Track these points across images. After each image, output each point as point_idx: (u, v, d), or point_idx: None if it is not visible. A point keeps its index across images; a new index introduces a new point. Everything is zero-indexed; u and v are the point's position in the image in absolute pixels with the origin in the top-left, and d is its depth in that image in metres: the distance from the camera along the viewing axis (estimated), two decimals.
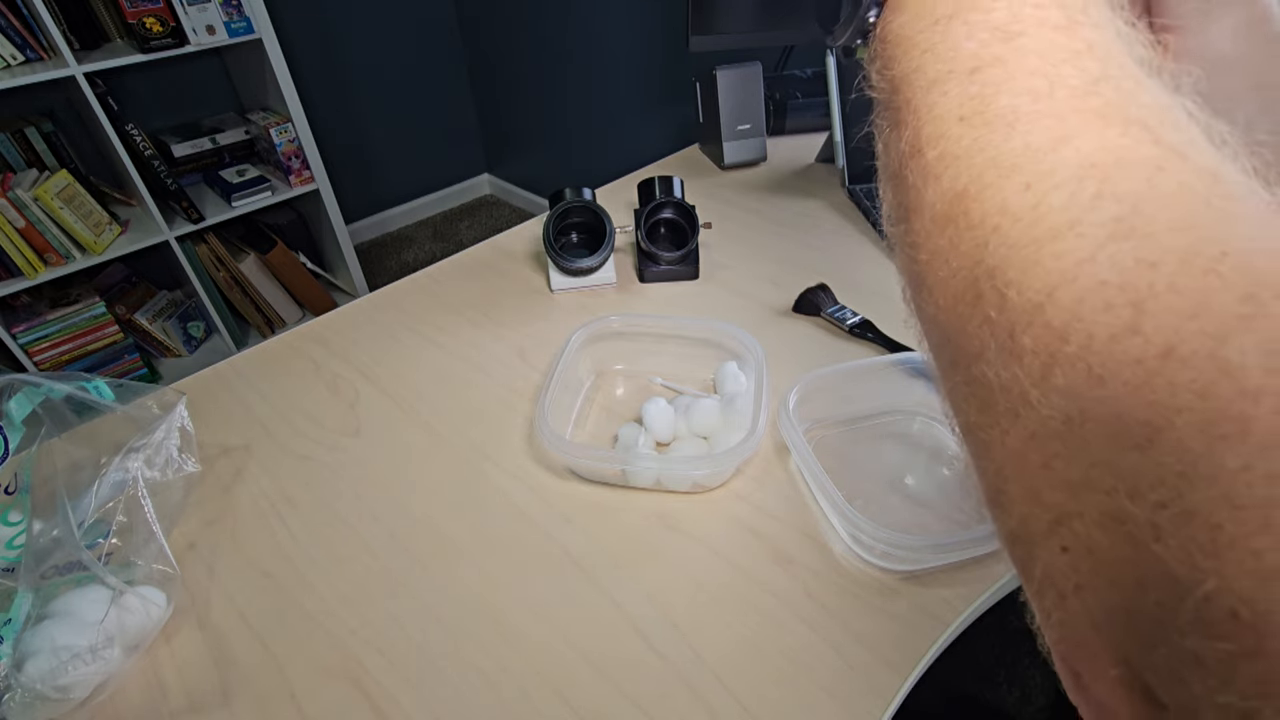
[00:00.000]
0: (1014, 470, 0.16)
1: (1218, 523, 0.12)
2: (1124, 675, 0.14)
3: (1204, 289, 0.13)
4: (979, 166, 0.17)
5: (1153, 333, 0.13)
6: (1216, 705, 0.12)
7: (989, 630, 1.17)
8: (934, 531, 0.48)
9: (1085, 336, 0.14)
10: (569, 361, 0.57)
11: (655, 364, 0.63)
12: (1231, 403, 0.12)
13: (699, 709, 0.38)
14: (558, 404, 0.54)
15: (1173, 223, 0.14)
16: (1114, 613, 0.14)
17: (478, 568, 0.47)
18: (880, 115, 0.22)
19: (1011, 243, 0.16)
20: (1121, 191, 0.15)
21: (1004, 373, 0.16)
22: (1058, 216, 0.15)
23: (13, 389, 0.45)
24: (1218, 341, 0.13)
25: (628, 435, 0.54)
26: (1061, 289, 0.15)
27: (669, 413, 0.55)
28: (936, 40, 0.19)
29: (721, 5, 0.89)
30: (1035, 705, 1.06)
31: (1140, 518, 0.13)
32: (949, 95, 0.18)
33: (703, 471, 0.50)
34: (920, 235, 0.19)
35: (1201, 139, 0.16)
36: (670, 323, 0.62)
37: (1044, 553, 0.16)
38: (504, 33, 2.22)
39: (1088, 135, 0.16)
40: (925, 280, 0.19)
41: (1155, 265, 0.14)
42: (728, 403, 0.55)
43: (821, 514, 0.49)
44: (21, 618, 0.39)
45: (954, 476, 0.52)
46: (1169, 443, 0.13)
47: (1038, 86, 0.17)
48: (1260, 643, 0.11)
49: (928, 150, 0.19)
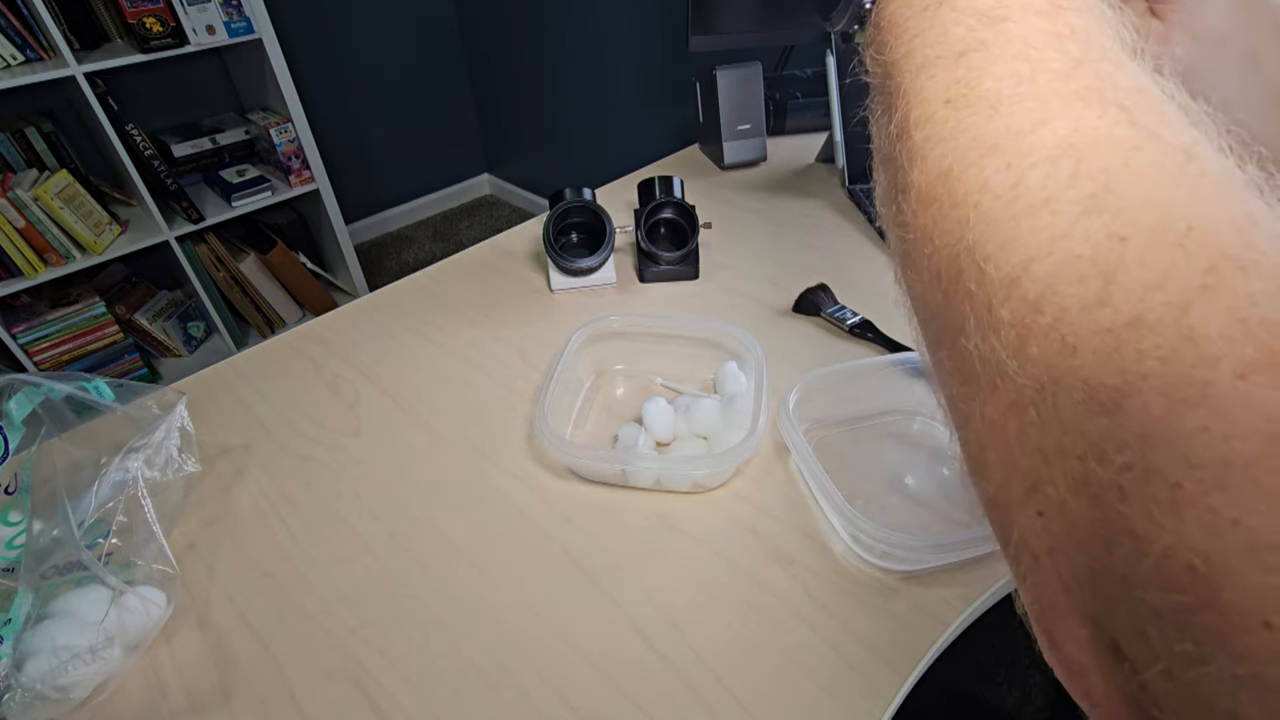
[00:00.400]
0: (992, 439, 0.17)
1: (1177, 481, 0.12)
2: (1093, 635, 0.15)
3: (1170, 261, 0.14)
4: (962, 147, 0.18)
5: (1121, 303, 0.14)
6: (1174, 654, 0.13)
7: (989, 630, 1.17)
8: (934, 531, 0.48)
9: (1058, 308, 0.15)
10: (569, 361, 0.57)
11: (655, 364, 0.63)
12: (1193, 368, 0.13)
13: (699, 709, 0.38)
14: (558, 404, 0.54)
15: (1144, 200, 0.15)
16: (1083, 573, 0.15)
17: (478, 568, 0.47)
18: (874, 99, 0.22)
19: (991, 219, 0.17)
20: (1096, 170, 0.16)
21: (983, 345, 0.17)
22: (1035, 194, 0.16)
23: (13, 389, 0.45)
24: (1181, 311, 0.13)
25: (628, 435, 0.54)
26: (1037, 262, 0.15)
27: (669, 413, 0.55)
28: (926, 26, 0.20)
29: (721, 5, 0.89)
30: (1035, 705, 1.06)
31: (1106, 480, 0.14)
32: (936, 79, 0.19)
33: (703, 471, 0.50)
34: (908, 214, 0.20)
35: (1178, 119, 0.16)
36: (670, 323, 0.62)
37: (1020, 517, 0.16)
38: (504, 33, 2.22)
39: (1067, 117, 0.17)
40: (912, 258, 0.20)
41: (1125, 240, 0.14)
42: (728, 403, 0.55)
43: (821, 514, 0.49)
44: (21, 618, 0.39)
45: (954, 476, 0.52)
46: (1134, 407, 0.13)
47: (1020, 70, 0.18)
48: (1214, 594, 0.12)
49: (915, 132, 0.19)
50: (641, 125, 1.98)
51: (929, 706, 0.95)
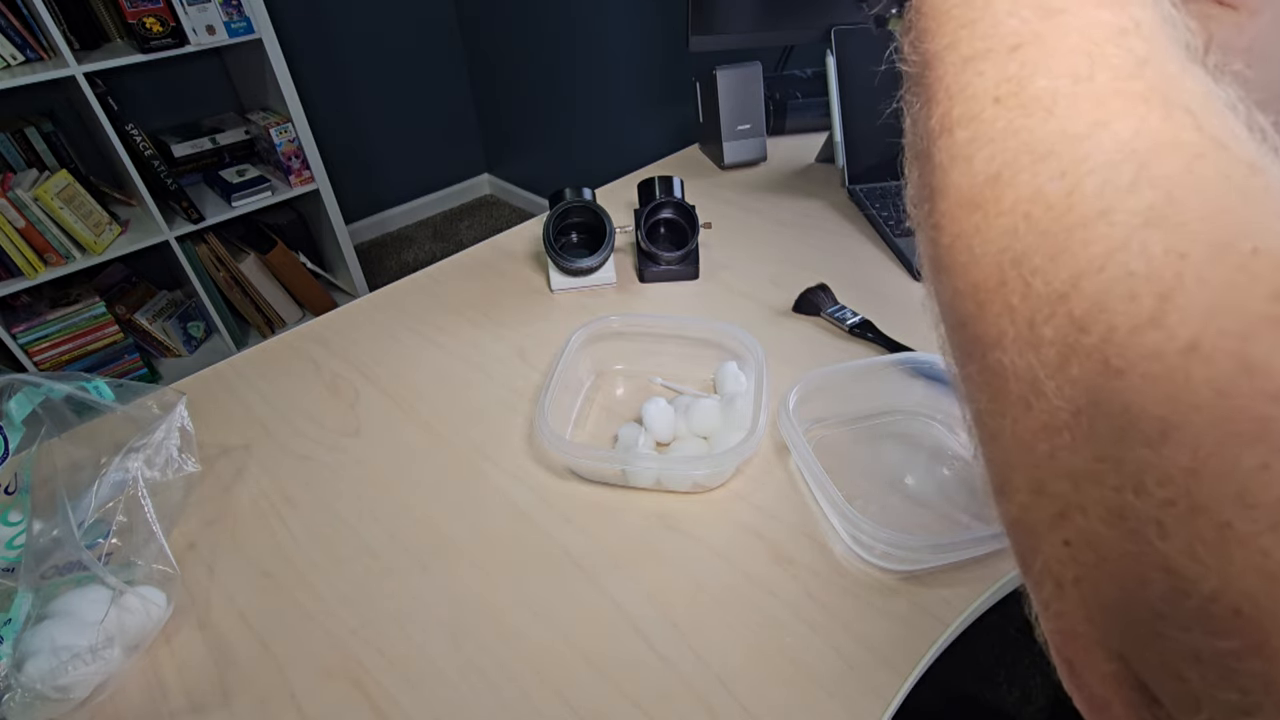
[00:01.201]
0: (1020, 460, 0.16)
1: (1226, 520, 0.12)
2: (1119, 671, 0.14)
3: (1232, 284, 0.13)
4: (1013, 150, 0.17)
5: (1176, 326, 0.13)
6: (1217, 701, 0.12)
7: (989, 630, 1.17)
8: (934, 531, 0.48)
9: (1106, 328, 0.14)
10: (569, 361, 0.57)
11: (655, 364, 0.63)
12: (1252, 402, 0.12)
13: (699, 709, 0.38)
14: (557, 404, 0.54)
15: (1207, 213, 0.14)
16: (1112, 607, 0.14)
17: (478, 568, 0.47)
18: (910, 90, 0.21)
19: (1042, 230, 0.16)
20: (1158, 177, 0.14)
21: (1019, 361, 0.16)
22: (1090, 204, 0.15)
23: (13, 389, 0.45)
24: (1241, 340, 0.12)
25: (628, 435, 0.54)
26: (1087, 278, 0.14)
27: (669, 413, 0.55)
28: (976, 15, 0.18)
29: (721, 5, 0.89)
30: (1035, 705, 1.06)
31: (1144, 513, 0.13)
32: (985, 75, 0.18)
33: (703, 471, 0.50)
34: (944, 218, 0.18)
35: (1243, 130, 0.15)
36: (670, 322, 0.62)
37: (1046, 545, 0.16)
38: (504, 32, 2.22)
39: (1128, 119, 0.15)
40: (945, 264, 0.18)
41: (1184, 256, 0.13)
42: (728, 403, 0.55)
43: (821, 514, 0.49)
44: (21, 618, 0.39)
45: (954, 476, 0.52)
46: (1182, 439, 0.12)
47: (1078, 67, 0.16)
48: (1264, 640, 0.11)
49: (958, 131, 0.18)
50: (641, 125, 1.98)
51: (929, 706, 0.95)
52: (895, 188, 0.87)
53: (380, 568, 0.47)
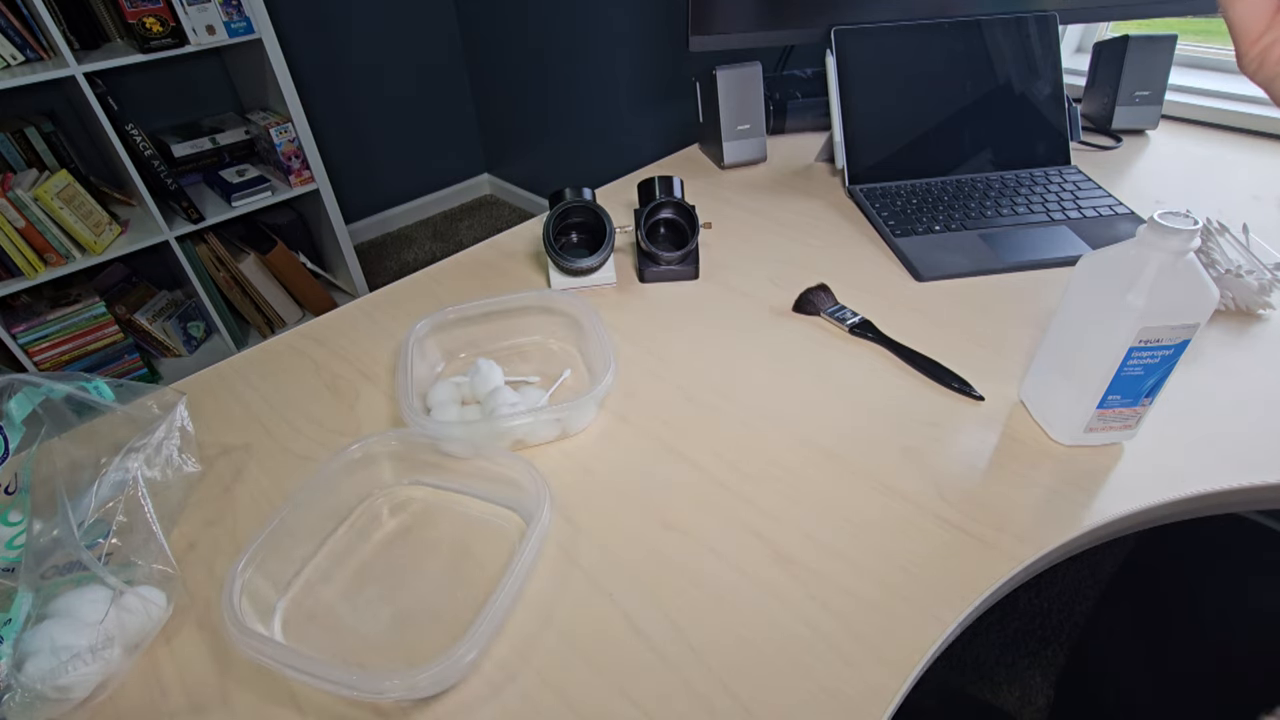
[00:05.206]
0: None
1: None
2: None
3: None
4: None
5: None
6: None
7: (989, 630, 1.17)
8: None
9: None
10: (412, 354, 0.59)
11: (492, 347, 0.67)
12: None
13: (699, 709, 0.38)
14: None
15: None
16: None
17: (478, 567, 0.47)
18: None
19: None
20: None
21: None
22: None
23: (13, 389, 0.45)
24: None
25: (440, 394, 0.57)
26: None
27: (497, 368, 0.58)
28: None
29: (721, 5, 0.89)
30: (1035, 705, 1.06)
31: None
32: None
33: (568, 413, 0.53)
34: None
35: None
36: (495, 301, 0.65)
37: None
38: (504, 33, 2.22)
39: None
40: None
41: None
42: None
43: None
44: (21, 618, 0.39)
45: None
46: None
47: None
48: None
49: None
50: (641, 125, 1.98)
51: (929, 706, 0.95)
52: (895, 188, 0.87)
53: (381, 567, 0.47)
